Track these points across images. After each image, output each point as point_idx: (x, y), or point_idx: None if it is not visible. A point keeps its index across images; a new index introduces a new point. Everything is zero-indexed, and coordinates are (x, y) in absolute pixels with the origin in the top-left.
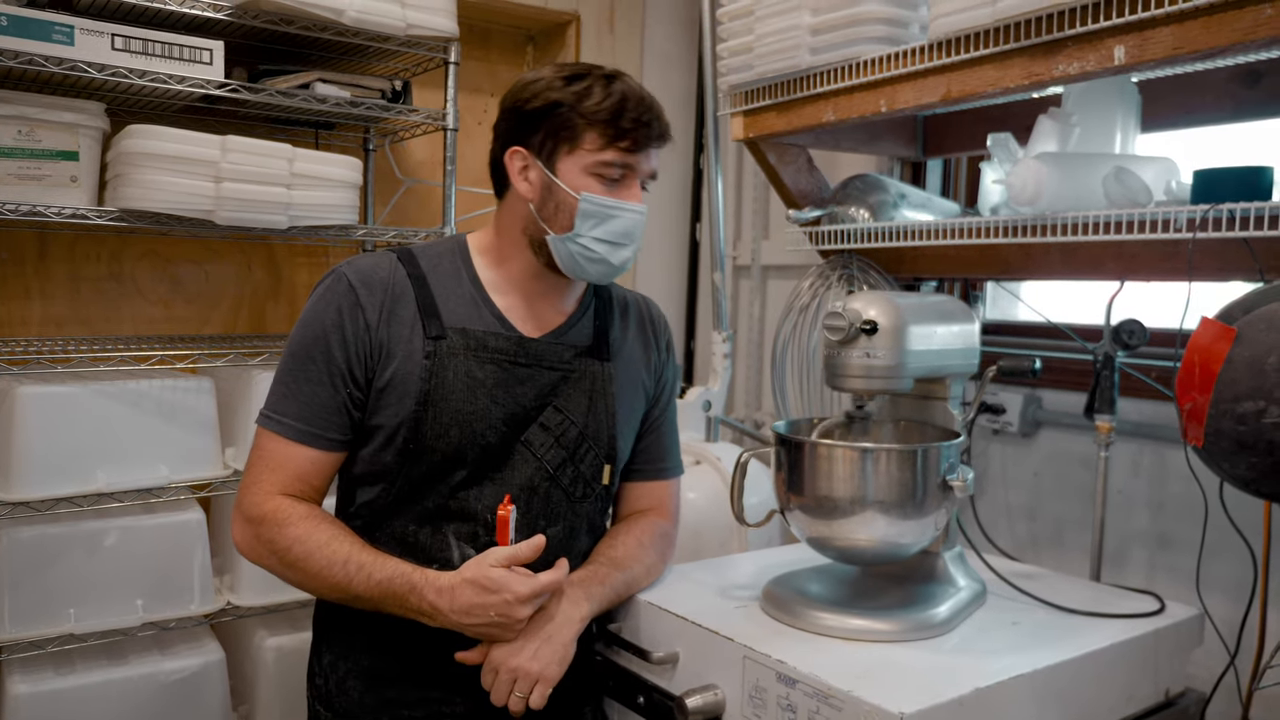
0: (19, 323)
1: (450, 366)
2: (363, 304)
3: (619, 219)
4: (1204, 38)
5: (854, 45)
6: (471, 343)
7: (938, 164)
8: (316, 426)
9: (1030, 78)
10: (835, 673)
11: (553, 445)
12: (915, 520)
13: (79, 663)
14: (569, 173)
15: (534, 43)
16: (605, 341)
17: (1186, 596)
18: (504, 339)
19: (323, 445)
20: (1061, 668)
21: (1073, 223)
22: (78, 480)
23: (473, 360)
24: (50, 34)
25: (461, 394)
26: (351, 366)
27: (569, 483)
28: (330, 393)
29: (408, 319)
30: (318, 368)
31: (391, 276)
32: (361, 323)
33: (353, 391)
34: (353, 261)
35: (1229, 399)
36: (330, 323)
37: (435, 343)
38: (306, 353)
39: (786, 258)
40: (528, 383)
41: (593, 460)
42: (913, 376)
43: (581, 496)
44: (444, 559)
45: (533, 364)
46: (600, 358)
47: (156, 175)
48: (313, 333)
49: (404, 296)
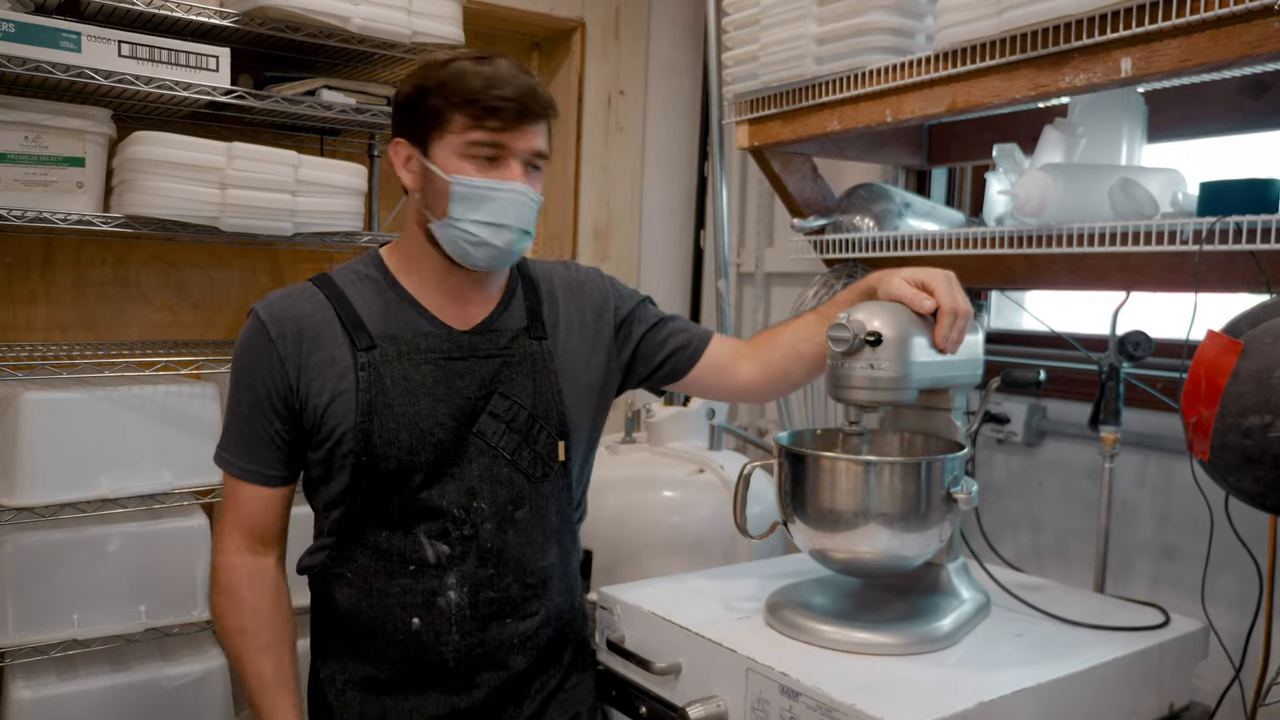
0: (25, 327)
1: (386, 374)
2: (274, 338)
3: (495, 200)
4: (1211, 50)
5: (859, 55)
6: (403, 347)
7: (943, 173)
8: (253, 464)
9: (1036, 89)
10: (838, 686)
11: (504, 431)
12: (919, 533)
13: (82, 668)
14: (442, 157)
15: (539, 49)
16: (539, 319)
17: (1191, 609)
18: (434, 337)
19: (261, 481)
20: (1065, 681)
21: (1078, 234)
22: (82, 486)
23: (408, 364)
24: (57, 41)
25: (402, 398)
26: (274, 401)
27: (528, 465)
28: (257, 429)
29: (334, 339)
30: (243, 406)
31: (307, 305)
32: (275, 358)
33: (279, 427)
34: (267, 298)
35: (1235, 413)
36: (246, 363)
37: (367, 354)
38: (235, 393)
39: (791, 265)
40: (467, 375)
41: (547, 439)
42: (917, 388)
43: (542, 476)
44: (418, 559)
45: (468, 356)
46: (536, 336)
47: (162, 182)
48: (235, 372)
49: (325, 319)
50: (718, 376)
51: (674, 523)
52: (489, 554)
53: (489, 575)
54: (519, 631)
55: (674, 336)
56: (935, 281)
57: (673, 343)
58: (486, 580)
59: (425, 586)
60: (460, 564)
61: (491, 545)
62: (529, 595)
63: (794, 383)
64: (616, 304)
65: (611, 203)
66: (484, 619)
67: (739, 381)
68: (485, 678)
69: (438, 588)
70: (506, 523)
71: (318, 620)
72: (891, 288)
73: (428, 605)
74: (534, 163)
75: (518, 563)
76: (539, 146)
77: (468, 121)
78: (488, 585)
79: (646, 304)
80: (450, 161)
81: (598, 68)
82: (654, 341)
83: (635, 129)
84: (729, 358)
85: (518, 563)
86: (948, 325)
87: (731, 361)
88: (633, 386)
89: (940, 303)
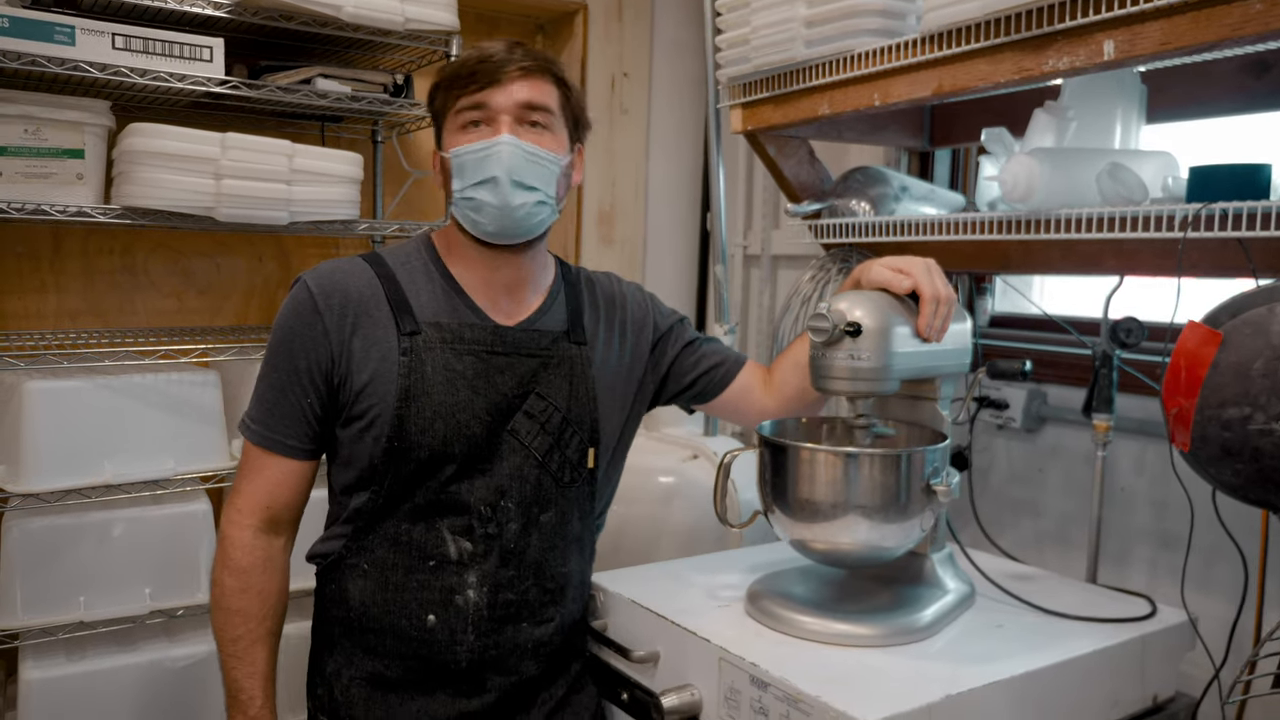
0: (35, 315)
1: (428, 361)
2: (320, 310)
3: (480, 159)
4: (1192, 33)
5: (848, 38)
6: (448, 335)
7: (945, 154)
8: (278, 432)
9: (1021, 72)
10: (807, 677)
11: (539, 432)
12: (898, 524)
13: (90, 649)
14: (447, 140)
15: (543, 31)
16: (580, 324)
17: (1188, 596)
18: (479, 329)
19: (283, 451)
20: (1041, 673)
21: (1066, 219)
22: (86, 472)
23: (450, 353)
24: (51, 35)
25: (442, 387)
26: (312, 374)
27: (557, 468)
28: (291, 400)
29: (381, 319)
30: (280, 375)
31: (358, 280)
32: (320, 329)
33: (313, 400)
34: (317, 268)
35: (1215, 404)
36: (289, 331)
37: (411, 339)
38: (271, 360)
39: (797, 247)
40: (507, 371)
41: (578, 445)
42: (899, 378)
43: (570, 481)
44: (440, 555)
45: (510, 352)
46: (576, 341)
47: (158, 173)
48: (275, 340)
49: (374, 298)
50: (746, 402)
51: (668, 509)
52: (511, 555)
53: (510, 576)
54: (534, 637)
55: (707, 358)
56: (914, 267)
57: (705, 363)
58: (507, 581)
59: (444, 583)
60: (482, 562)
61: (515, 546)
62: (546, 600)
63: (810, 400)
64: (656, 320)
65: (616, 186)
66: (500, 620)
67: (763, 406)
68: (495, 681)
69: (457, 585)
70: (531, 525)
71: (326, 611)
72: (872, 274)
73: (445, 603)
74: (528, 118)
75: (538, 566)
76: (525, 98)
77: (454, 95)
78: (507, 586)
79: (685, 323)
80: (451, 140)
81: (601, 50)
82: (688, 361)
83: (640, 111)
84: (756, 383)
85: (538, 566)
86: (930, 313)
87: (758, 387)
88: (663, 403)
89: (921, 288)
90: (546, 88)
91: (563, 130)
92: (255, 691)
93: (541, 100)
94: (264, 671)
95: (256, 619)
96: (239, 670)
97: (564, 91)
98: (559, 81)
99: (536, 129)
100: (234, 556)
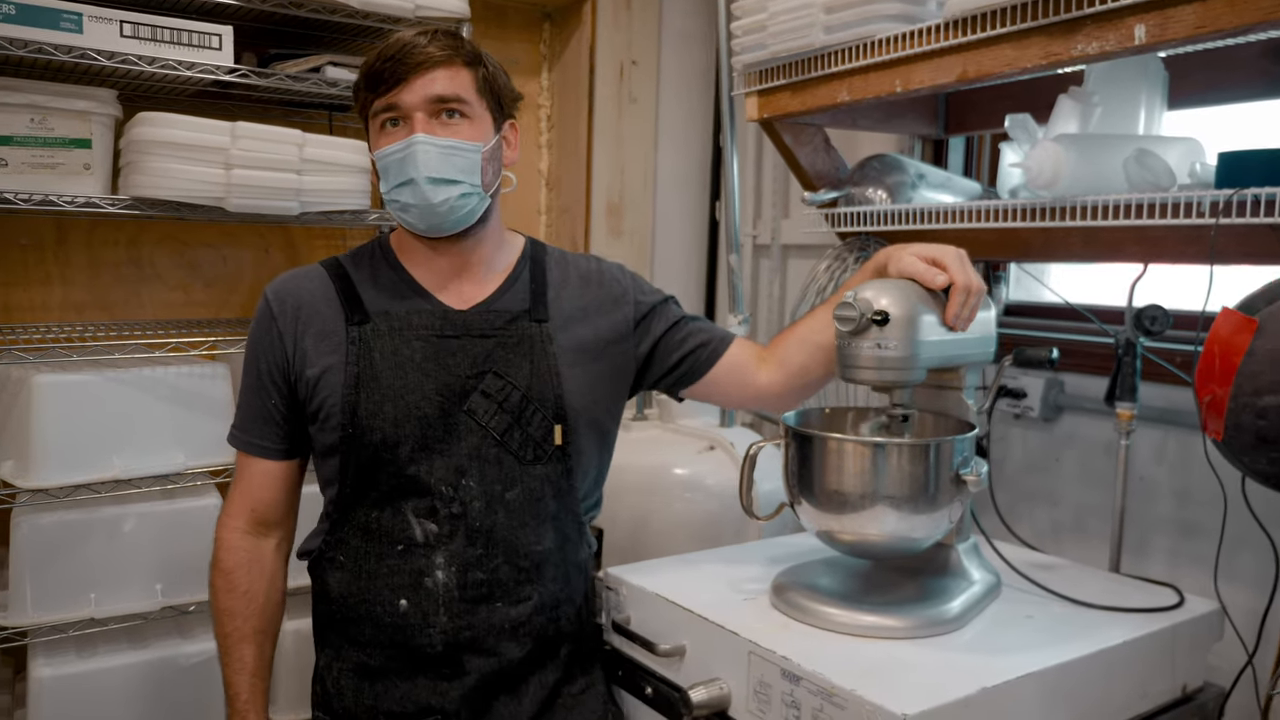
0: (41, 308)
1: (376, 348)
2: (275, 315)
3: (395, 161)
4: (1228, 16)
5: (868, 24)
6: (396, 323)
7: (960, 142)
8: (253, 435)
9: (1048, 57)
10: (840, 670)
11: (496, 411)
12: (927, 515)
13: (100, 646)
14: (372, 144)
15: (550, 20)
16: (542, 303)
17: (1210, 587)
18: (428, 314)
19: (260, 453)
20: (1074, 665)
21: (1093, 206)
22: (96, 467)
23: (398, 339)
24: (58, 22)
25: (390, 372)
26: (273, 375)
27: (519, 446)
28: (259, 403)
29: (331, 315)
30: (249, 380)
31: (310, 283)
32: (275, 333)
33: (276, 401)
34: (277, 278)
35: (1250, 392)
36: (252, 338)
37: (359, 328)
38: (245, 369)
39: (807, 238)
40: (459, 353)
41: (540, 422)
42: (926, 368)
43: (533, 459)
44: (407, 538)
45: (462, 334)
46: (537, 319)
47: (167, 163)
48: (247, 350)
49: (325, 297)
50: (737, 379)
51: (685, 500)
52: (477, 533)
53: (477, 555)
54: (510, 617)
55: (693, 336)
56: (948, 258)
57: (691, 342)
58: (475, 560)
59: (413, 566)
60: (448, 543)
61: (480, 525)
62: (520, 579)
63: (812, 379)
64: (637, 297)
65: (625, 175)
66: (472, 601)
67: (759, 384)
68: (474, 664)
69: (425, 567)
70: (496, 503)
71: (316, 606)
72: (903, 264)
73: (415, 586)
74: (441, 110)
75: (508, 544)
76: (434, 91)
77: (369, 98)
78: (476, 565)
79: (670, 303)
80: (374, 142)
81: (609, 38)
82: (673, 340)
83: (648, 100)
84: (750, 360)
85: (508, 544)
86: (960, 303)
87: (751, 363)
88: (650, 386)
89: (954, 279)
90: (459, 75)
91: (483, 114)
92: (241, 688)
93: (452, 91)
94: (251, 669)
95: (242, 617)
96: (228, 667)
97: (480, 72)
98: (471, 64)
99: (454, 119)
100: (220, 557)
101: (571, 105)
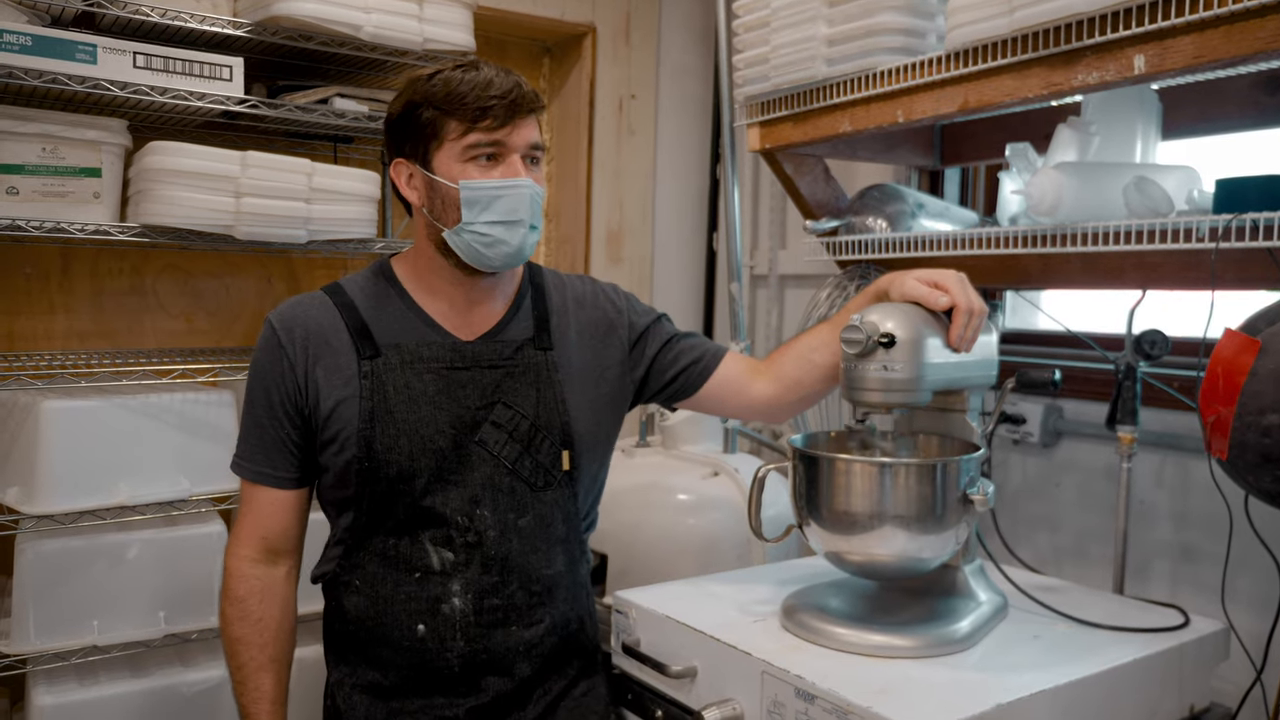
0: (44, 336)
1: (389, 382)
2: (284, 345)
3: (505, 198)
4: (1225, 46)
5: (870, 56)
6: (407, 356)
7: (956, 172)
8: (265, 466)
9: (1049, 88)
10: (854, 689)
11: (507, 441)
12: (935, 535)
13: (102, 674)
14: (444, 166)
15: (550, 54)
16: (546, 330)
17: (1211, 609)
18: (438, 347)
19: (273, 483)
20: (1084, 683)
21: (1093, 233)
22: (100, 493)
23: (410, 372)
24: (73, 53)
25: (404, 406)
26: (285, 405)
27: (529, 474)
28: (271, 433)
29: (341, 347)
30: (257, 410)
31: (317, 312)
32: (285, 364)
33: (289, 431)
34: (280, 306)
35: (1254, 411)
36: (259, 367)
37: (371, 362)
38: (249, 397)
39: (804, 267)
40: (469, 385)
41: (549, 449)
42: (931, 390)
43: (544, 485)
44: (424, 566)
45: (471, 366)
46: (541, 347)
47: (177, 191)
48: (250, 378)
49: (333, 327)
50: (731, 392)
51: (689, 526)
52: (493, 561)
53: (493, 582)
54: (524, 639)
55: (687, 352)
56: (949, 280)
57: (685, 358)
58: (491, 587)
59: (430, 593)
60: (464, 570)
61: (495, 552)
62: (534, 603)
63: (808, 394)
64: (631, 319)
65: (624, 206)
66: (488, 625)
67: (753, 397)
68: (490, 683)
69: (442, 594)
70: (510, 530)
71: (330, 626)
72: (906, 288)
73: (432, 612)
74: (532, 155)
75: (522, 570)
76: (534, 139)
77: (464, 126)
78: (492, 592)
79: (662, 321)
80: (453, 168)
81: (609, 72)
82: (667, 357)
83: (647, 132)
84: (743, 373)
85: (522, 570)
86: (963, 324)
87: (746, 377)
88: (645, 401)
89: (956, 301)
90: (539, 126)
91: None
92: (260, 717)
93: (540, 139)
94: (270, 696)
95: (257, 646)
96: (245, 696)
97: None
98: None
99: (536, 166)
100: (231, 586)
101: (571, 138)
